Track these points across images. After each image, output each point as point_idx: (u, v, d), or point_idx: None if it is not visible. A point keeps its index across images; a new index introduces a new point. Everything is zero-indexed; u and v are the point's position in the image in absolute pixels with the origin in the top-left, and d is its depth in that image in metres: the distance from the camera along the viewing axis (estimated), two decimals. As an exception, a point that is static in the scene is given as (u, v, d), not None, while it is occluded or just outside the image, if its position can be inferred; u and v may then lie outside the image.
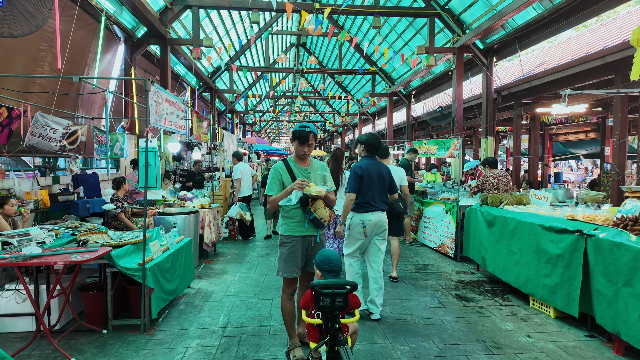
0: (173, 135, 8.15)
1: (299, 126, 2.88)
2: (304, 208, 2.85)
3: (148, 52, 8.63)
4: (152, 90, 3.89)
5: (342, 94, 17.34)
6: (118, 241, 3.72)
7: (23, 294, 3.43)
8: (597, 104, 9.07)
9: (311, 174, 2.96)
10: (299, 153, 2.93)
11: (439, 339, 3.36)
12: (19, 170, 5.74)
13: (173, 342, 3.32)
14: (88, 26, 6.10)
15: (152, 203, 5.84)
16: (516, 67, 9.78)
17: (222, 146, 9.86)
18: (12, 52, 4.71)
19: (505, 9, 6.56)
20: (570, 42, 9.04)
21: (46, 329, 3.10)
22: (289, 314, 3.00)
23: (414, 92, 13.63)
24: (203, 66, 12.16)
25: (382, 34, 11.95)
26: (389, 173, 3.83)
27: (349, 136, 26.43)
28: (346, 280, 2.10)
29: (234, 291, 4.59)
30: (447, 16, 8.64)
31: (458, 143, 6.48)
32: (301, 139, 2.85)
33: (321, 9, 7.35)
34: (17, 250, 3.14)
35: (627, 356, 3.02)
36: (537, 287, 3.90)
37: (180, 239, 4.53)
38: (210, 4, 7.80)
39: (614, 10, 7.43)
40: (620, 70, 6.00)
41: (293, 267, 2.91)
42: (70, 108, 5.96)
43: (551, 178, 14.17)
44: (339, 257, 2.43)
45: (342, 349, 2.08)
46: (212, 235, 6.09)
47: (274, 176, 2.90)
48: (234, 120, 19.11)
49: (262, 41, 14.59)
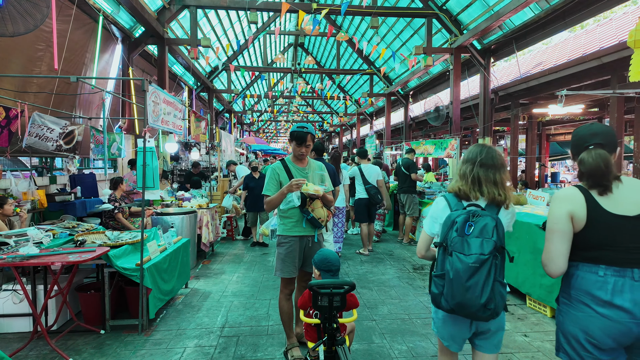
0: (171, 135, 8.14)
1: (297, 127, 2.88)
2: (301, 208, 2.85)
3: (146, 51, 8.61)
4: (149, 90, 3.89)
5: (340, 94, 17.36)
6: (116, 241, 3.72)
7: (20, 295, 3.41)
8: (593, 104, 9.12)
9: (309, 174, 2.96)
10: (296, 153, 2.94)
11: (436, 339, 3.36)
12: (16, 170, 5.72)
13: (171, 342, 3.32)
14: (86, 26, 6.09)
15: (149, 203, 5.83)
16: (513, 67, 9.82)
17: (220, 146, 9.85)
18: (10, 52, 4.70)
19: (503, 9, 6.59)
20: (567, 42, 9.08)
21: (43, 330, 3.10)
22: (286, 314, 3.01)
23: (411, 92, 13.65)
24: (201, 66, 12.14)
25: (380, 34, 11.97)
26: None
27: (346, 136, 26.44)
28: (344, 280, 2.11)
29: (232, 291, 4.59)
30: (445, 17, 8.66)
31: (455, 143, 6.50)
32: (299, 139, 2.85)
33: (319, 9, 7.36)
34: (14, 251, 3.13)
35: (623, 355, 3.04)
36: (534, 287, 3.92)
37: (178, 239, 4.53)
38: (208, 3, 7.78)
39: (611, 10, 7.47)
40: (616, 71, 6.03)
41: (291, 267, 2.91)
42: (68, 108, 5.94)
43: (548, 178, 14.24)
44: (337, 257, 2.44)
45: (340, 348, 2.09)
46: (210, 235, 6.09)
47: (272, 176, 2.90)
48: (232, 120, 19.09)
49: (259, 41, 14.58)
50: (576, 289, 1.69)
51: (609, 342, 1.59)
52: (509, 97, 9.13)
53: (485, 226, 1.71)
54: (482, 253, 1.67)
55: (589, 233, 1.65)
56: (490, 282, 1.67)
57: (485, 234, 1.70)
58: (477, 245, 1.69)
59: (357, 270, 5.42)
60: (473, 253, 1.68)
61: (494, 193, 1.82)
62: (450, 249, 1.74)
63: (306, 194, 2.74)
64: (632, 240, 1.59)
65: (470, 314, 1.74)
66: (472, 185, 1.85)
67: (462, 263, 1.68)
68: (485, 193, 1.83)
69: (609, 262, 1.61)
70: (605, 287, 1.60)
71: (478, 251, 1.68)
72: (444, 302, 1.77)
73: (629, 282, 1.57)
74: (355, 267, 5.60)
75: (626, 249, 1.59)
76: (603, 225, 1.62)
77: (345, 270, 5.44)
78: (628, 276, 1.57)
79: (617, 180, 1.66)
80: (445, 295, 1.76)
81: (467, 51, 8.62)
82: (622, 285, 1.57)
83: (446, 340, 1.95)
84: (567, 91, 5.05)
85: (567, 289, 1.75)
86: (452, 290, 1.72)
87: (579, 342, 1.66)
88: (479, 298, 1.67)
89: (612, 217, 1.62)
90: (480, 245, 1.68)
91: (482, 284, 1.67)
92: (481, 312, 1.70)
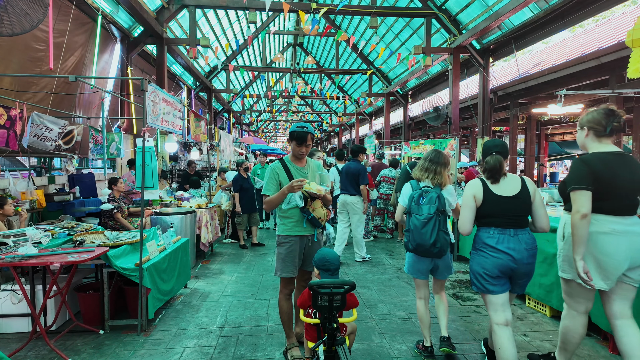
0: (170, 135, 8.13)
1: (297, 126, 2.86)
2: (302, 208, 2.85)
3: (144, 51, 8.60)
4: (149, 90, 3.88)
5: (339, 93, 17.36)
6: (115, 241, 3.71)
7: (19, 295, 3.40)
8: (592, 104, 9.12)
9: (308, 174, 2.96)
10: (296, 153, 2.93)
11: (435, 339, 3.36)
12: (15, 170, 5.71)
13: (170, 342, 3.31)
14: (85, 25, 6.08)
15: (148, 203, 5.82)
16: (512, 67, 9.83)
17: (219, 146, 9.85)
18: (11, 52, 4.69)
19: (502, 9, 6.59)
20: (565, 42, 9.09)
21: (42, 330, 3.09)
22: (286, 313, 3.00)
23: (410, 92, 13.66)
24: (200, 66, 12.13)
25: (379, 34, 11.97)
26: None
27: (345, 136, 26.43)
28: (344, 280, 2.10)
29: (231, 291, 4.59)
30: (444, 16, 8.67)
31: (455, 143, 6.50)
32: (299, 139, 2.84)
33: (318, 9, 7.35)
34: (13, 251, 3.12)
35: (622, 354, 3.04)
36: (533, 287, 3.92)
37: (177, 239, 4.53)
38: (207, 3, 7.77)
39: (610, 10, 7.48)
40: (615, 71, 6.05)
41: (291, 266, 2.91)
42: (68, 108, 5.93)
43: (547, 178, 14.26)
44: (337, 257, 2.44)
45: (340, 348, 2.08)
46: (209, 235, 6.08)
47: (271, 176, 2.89)
48: (231, 120, 19.07)
49: (259, 41, 14.57)
50: (478, 242, 2.66)
51: (497, 272, 2.55)
52: (508, 97, 9.14)
53: (431, 198, 2.85)
54: (429, 213, 2.81)
55: (484, 207, 2.62)
56: (436, 230, 2.79)
57: (431, 202, 2.83)
58: (427, 209, 2.82)
59: (357, 270, 5.42)
60: (424, 213, 2.82)
61: (436, 179, 2.95)
62: (412, 213, 2.91)
63: (308, 193, 2.75)
64: (508, 210, 2.56)
65: (425, 251, 2.85)
66: (424, 173, 3.01)
67: (418, 220, 2.84)
68: (432, 178, 2.97)
69: (496, 225, 2.58)
70: (494, 239, 2.56)
71: (427, 212, 2.82)
72: (410, 245, 2.91)
73: (507, 237, 2.55)
74: (355, 267, 5.60)
75: (505, 216, 2.56)
76: (492, 202, 2.59)
77: (345, 270, 5.44)
78: (507, 233, 2.55)
79: (504, 175, 2.63)
80: (410, 241, 2.89)
81: (466, 51, 8.63)
82: (503, 238, 2.55)
83: (415, 273, 3.06)
84: (567, 91, 5.06)
85: (474, 244, 2.71)
86: (413, 237, 2.87)
87: (481, 275, 2.61)
88: (429, 240, 2.78)
89: (497, 197, 2.58)
90: (429, 209, 2.82)
91: (430, 231, 2.79)
92: (432, 248, 2.80)
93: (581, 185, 2.31)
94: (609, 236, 2.34)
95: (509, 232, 2.53)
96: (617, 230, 2.33)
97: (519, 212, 2.55)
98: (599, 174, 2.32)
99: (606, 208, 2.36)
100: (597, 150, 2.45)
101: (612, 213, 2.36)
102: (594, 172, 2.32)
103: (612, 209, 2.36)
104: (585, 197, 2.29)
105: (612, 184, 2.32)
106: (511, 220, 2.53)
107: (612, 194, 2.34)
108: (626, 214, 2.36)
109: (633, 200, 2.37)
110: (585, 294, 2.49)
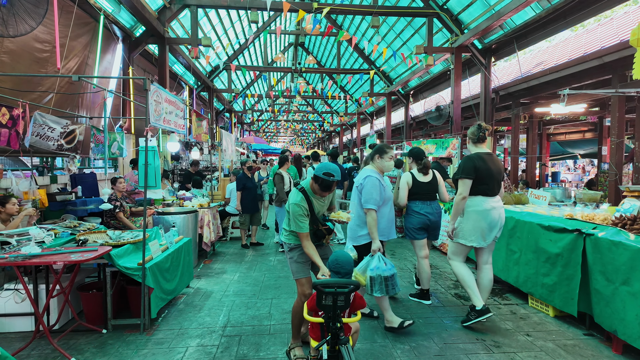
0: (172, 134, 8.13)
1: (323, 173, 2.77)
2: (318, 239, 3.04)
3: (146, 51, 8.60)
4: (151, 90, 3.88)
5: (341, 93, 17.34)
6: (117, 241, 3.72)
7: (22, 294, 3.41)
8: (594, 104, 9.10)
9: (325, 200, 3.06)
10: (317, 194, 2.94)
11: (438, 338, 3.37)
12: (17, 170, 5.71)
13: (173, 341, 3.31)
14: (87, 25, 6.08)
15: (151, 202, 5.83)
16: (514, 67, 9.81)
17: (221, 146, 9.85)
18: (18, 53, 4.69)
19: (504, 9, 6.58)
20: (568, 42, 9.07)
21: (45, 329, 3.09)
22: (298, 316, 2.95)
23: (412, 91, 13.64)
24: (201, 65, 12.13)
25: (381, 34, 11.95)
26: None
27: (347, 136, 26.41)
28: (349, 280, 2.11)
29: (234, 290, 4.59)
30: (446, 16, 8.66)
31: (457, 142, 6.49)
32: (324, 186, 2.83)
33: (320, 9, 7.35)
34: (16, 250, 3.13)
35: (625, 355, 3.04)
36: (536, 286, 3.92)
37: (180, 239, 4.53)
38: (208, 3, 7.76)
39: (612, 10, 7.47)
40: (617, 71, 6.02)
41: (306, 266, 3.00)
42: (71, 108, 5.93)
43: (549, 178, 14.22)
44: (350, 262, 2.45)
45: (343, 348, 2.08)
46: (211, 234, 6.08)
47: (300, 213, 2.85)
48: (232, 119, 19.08)
49: (260, 40, 14.57)
50: (410, 209, 4.14)
51: (420, 226, 4.07)
52: (510, 96, 9.11)
53: None
54: None
55: (413, 189, 4.10)
56: None
57: None
58: None
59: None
60: None
61: None
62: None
63: (337, 221, 3.00)
64: (426, 190, 4.11)
65: None
66: None
67: None
68: None
69: (419, 199, 4.11)
70: (418, 207, 4.09)
71: None
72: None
73: (427, 206, 4.09)
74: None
75: (424, 194, 4.10)
76: (417, 186, 4.10)
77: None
78: (426, 204, 4.10)
79: (429, 169, 4.16)
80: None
81: (468, 51, 8.61)
82: (423, 206, 4.09)
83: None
84: (569, 90, 5.05)
85: (407, 210, 4.17)
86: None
87: (410, 229, 4.11)
88: None
89: (420, 182, 4.11)
90: None
91: None
92: None
93: (464, 175, 3.43)
94: (489, 211, 3.44)
95: (427, 203, 4.10)
96: (492, 207, 3.46)
97: (432, 190, 4.15)
98: (478, 167, 3.42)
99: (483, 190, 3.46)
100: (476, 151, 3.58)
101: (487, 194, 3.47)
102: (475, 166, 3.42)
103: (487, 190, 3.46)
104: (466, 185, 3.42)
105: (486, 173, 3.43)
106: (427, 196, 4.11)
107: (486, 179, 3.44)
108: (494, 194, 3.51)
109: (498, 184, 3.52)
110: (465, 251, 3.67)
